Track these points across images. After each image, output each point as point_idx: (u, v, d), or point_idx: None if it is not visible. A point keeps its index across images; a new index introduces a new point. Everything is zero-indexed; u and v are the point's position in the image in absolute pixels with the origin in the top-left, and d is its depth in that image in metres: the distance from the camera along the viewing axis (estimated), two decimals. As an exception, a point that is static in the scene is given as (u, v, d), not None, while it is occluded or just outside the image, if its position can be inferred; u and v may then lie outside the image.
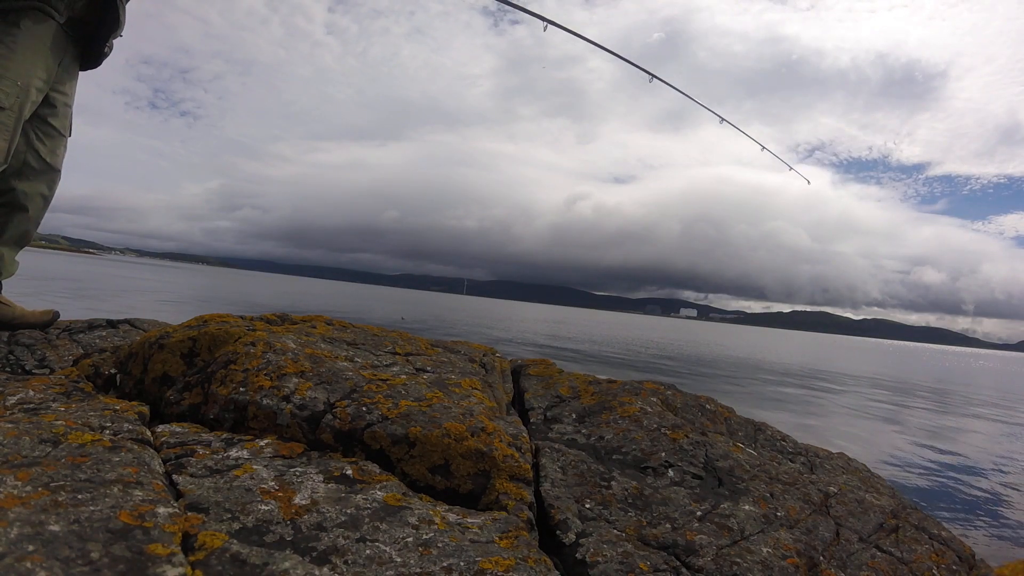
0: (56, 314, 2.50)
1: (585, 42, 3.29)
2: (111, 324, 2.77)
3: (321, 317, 1.83)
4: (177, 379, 1.49)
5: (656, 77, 3.43)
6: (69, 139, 2.32)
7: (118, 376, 1.89)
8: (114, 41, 2.33)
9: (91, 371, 1.92)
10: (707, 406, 1.64)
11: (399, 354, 1.45)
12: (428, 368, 1.36)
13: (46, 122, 2.14)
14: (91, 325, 2.71)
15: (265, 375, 1.19)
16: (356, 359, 1.31)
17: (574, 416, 1.45)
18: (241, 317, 1.89)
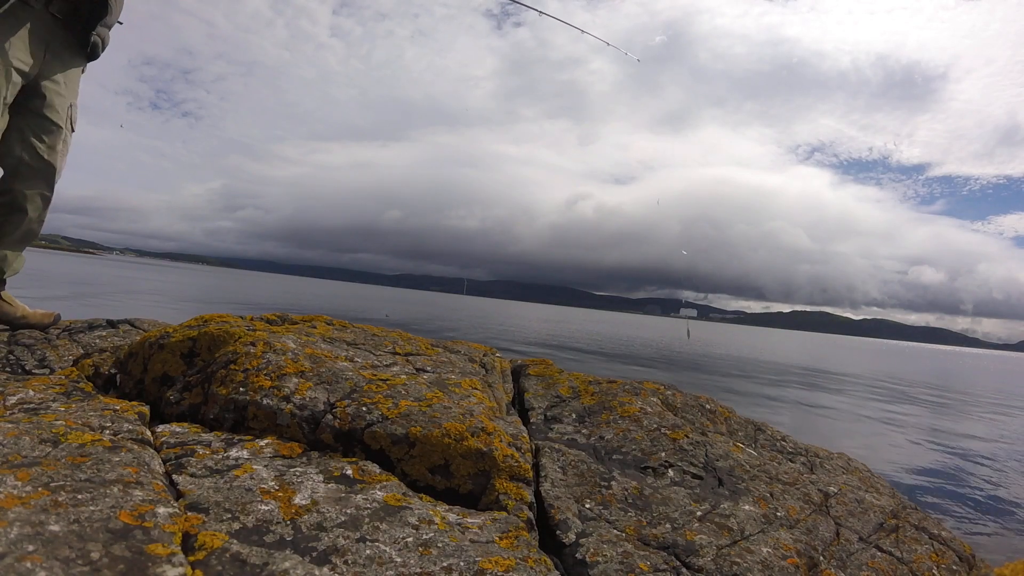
0: (57, 316, 2.50)
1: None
2: (111, 324, 2.76)
3: (321, 317, 1.83)
4: (177, 379, 1.48)
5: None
6: (73, 134, 2.27)
7: (118, 376, 1.89)
8: (110, 32, 2.24)
9: (91, 371, 1.92)
10: (707, 406, 1.64)
11: (399, 354, 1.45)
12: (428, 368, 1.36)
13: (40, 115, 2.08)
14: (91, 325, 2.70)
15: (265, 375, 1.19)
16: (356, 359, 1.31)
17: (574, 416, 1.45)
18: (241, 317, 1.89)
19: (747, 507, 1.29)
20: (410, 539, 0.90)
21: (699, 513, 1.24)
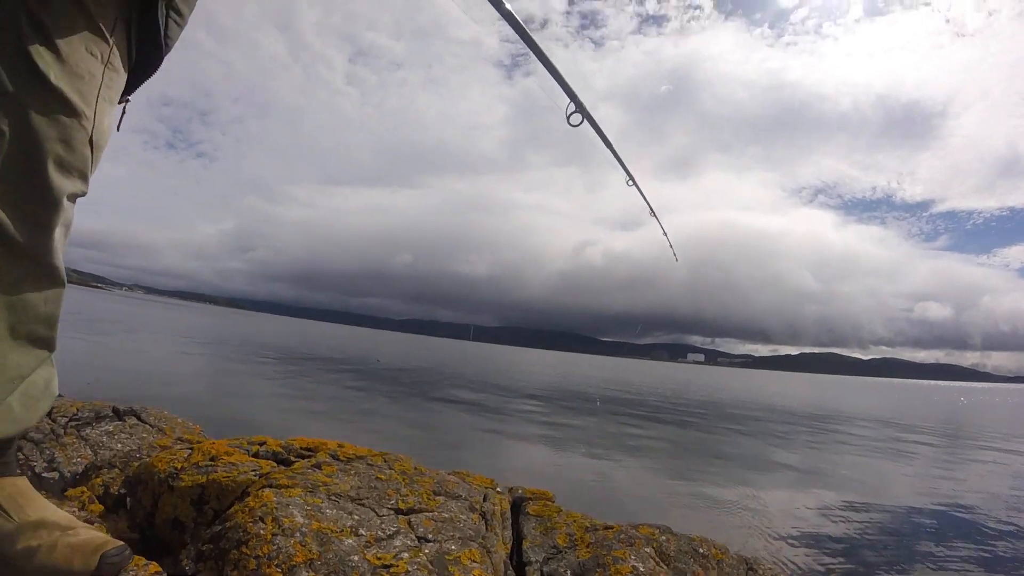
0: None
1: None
2: (117, 415, 2.81)
3: (326, 446, 1.88)
4: (188, 527, 1.53)
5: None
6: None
7: (128, 499, 1.94)
8: None
9: (101, 490, 1.97)
10: (700, 549, 1.66)
11: (402, 511, 1.49)
12: (429, 536, 1.40)
13: None
14: (97, 415, 2.75)
15: (276, 566, 1.23)
16: (360, 530, 1.36)
17: (570, 573, 1.48)
18: (247, 449, 1.93)
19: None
20: None
21: None
